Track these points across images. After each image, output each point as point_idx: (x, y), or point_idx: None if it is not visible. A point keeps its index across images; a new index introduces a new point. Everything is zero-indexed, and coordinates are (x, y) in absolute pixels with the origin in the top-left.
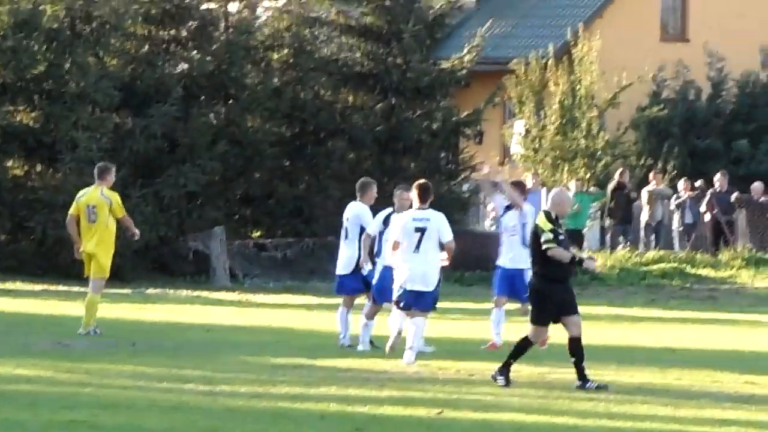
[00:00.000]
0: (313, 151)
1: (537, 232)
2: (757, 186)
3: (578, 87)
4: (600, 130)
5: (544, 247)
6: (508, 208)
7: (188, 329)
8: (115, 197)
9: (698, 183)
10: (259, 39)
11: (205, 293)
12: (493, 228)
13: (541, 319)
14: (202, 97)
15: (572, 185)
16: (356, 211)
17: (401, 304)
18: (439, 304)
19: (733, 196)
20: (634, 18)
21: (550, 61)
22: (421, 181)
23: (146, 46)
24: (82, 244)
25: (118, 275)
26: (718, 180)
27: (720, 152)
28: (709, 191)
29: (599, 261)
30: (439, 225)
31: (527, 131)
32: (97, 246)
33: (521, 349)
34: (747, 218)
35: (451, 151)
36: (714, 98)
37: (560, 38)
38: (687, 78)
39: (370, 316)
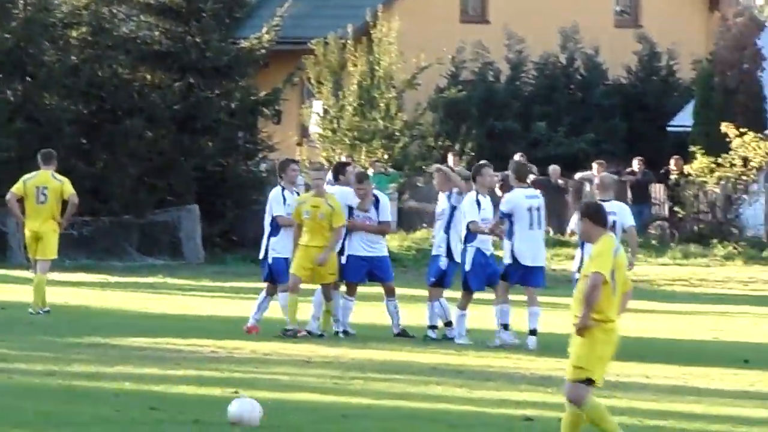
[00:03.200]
0: (110, 130)
1: None
2: (554, 169)
3: (377, 68)
4: (398, 111)
5: None
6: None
7: None
8: (66, 180)
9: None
10: (58, 16)
11: (0, 271)
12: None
13: None
14: (0, 75)
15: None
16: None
17: None
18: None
19: (529, 178)
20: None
21: (349, 42)
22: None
23: None
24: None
25: None
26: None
27: (518, 134)
28: (502, 174)
29: None
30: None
31: (326, 111)
32: (46, 227)
33: None
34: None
35: (249, 130)
36: (513, 80)
37: (359, 19)
38: (486, 59)
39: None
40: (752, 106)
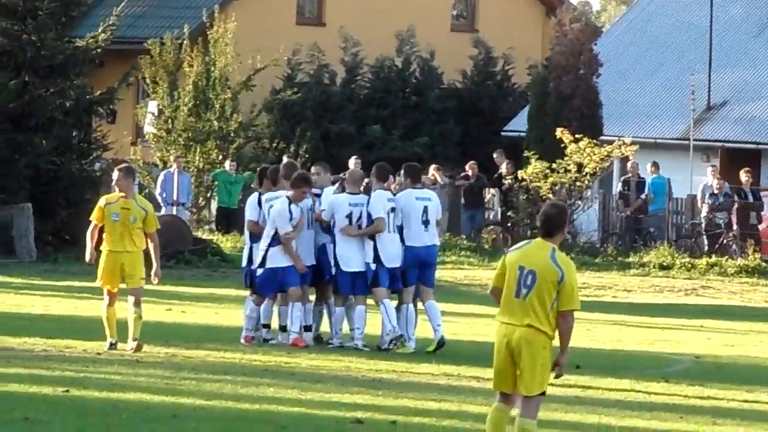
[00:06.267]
0: None
1: None
2: None
3: (213, 69)
4: (233, 112)
5: None
6: None
7: None
8: None
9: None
10: None
11: None
12: None
13: None
14: None
15: (227, 165)
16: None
17: None
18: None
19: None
20: (270, 1)
21: (185, 42)
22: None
23: None
24: None
25: None
26: (352, 165)
27: (353, 137)
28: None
29: None
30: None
31: (161, 111)
32: None
33: None
34: None
35: (84, 129)
36: (348, 83)
37: (196, 20)
38: (322, 62)
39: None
40: (587, 111)
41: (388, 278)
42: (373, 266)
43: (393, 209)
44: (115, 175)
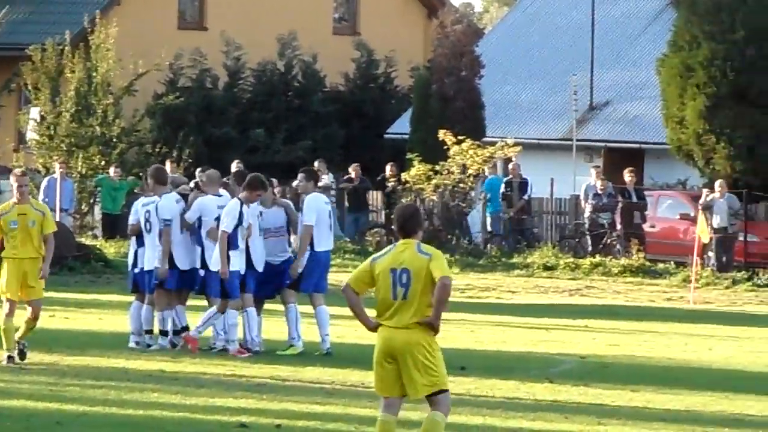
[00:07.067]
0: None
1: None
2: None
3: (94, 74)
4: (116, 118)
5: None
6: None
7: None
8: None
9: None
10: None
11: None
12: None
13: None
14: None
15: (112, 171)
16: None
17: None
18: None
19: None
20: (152, 5)
21: (66, 48)
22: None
23: None
24: None
25: None
26: (235, 168)
27: (236, 141)
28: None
29: None
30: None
31: (43, 118)
32: None
33: None
34: None
35: None
36: (231, 87)
37: (78, 25)
38: (204, 66)
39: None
40: (470, 113)
41: (256, 283)
42: (242, 272)
43: (261, 213)
44: (14, 180)
